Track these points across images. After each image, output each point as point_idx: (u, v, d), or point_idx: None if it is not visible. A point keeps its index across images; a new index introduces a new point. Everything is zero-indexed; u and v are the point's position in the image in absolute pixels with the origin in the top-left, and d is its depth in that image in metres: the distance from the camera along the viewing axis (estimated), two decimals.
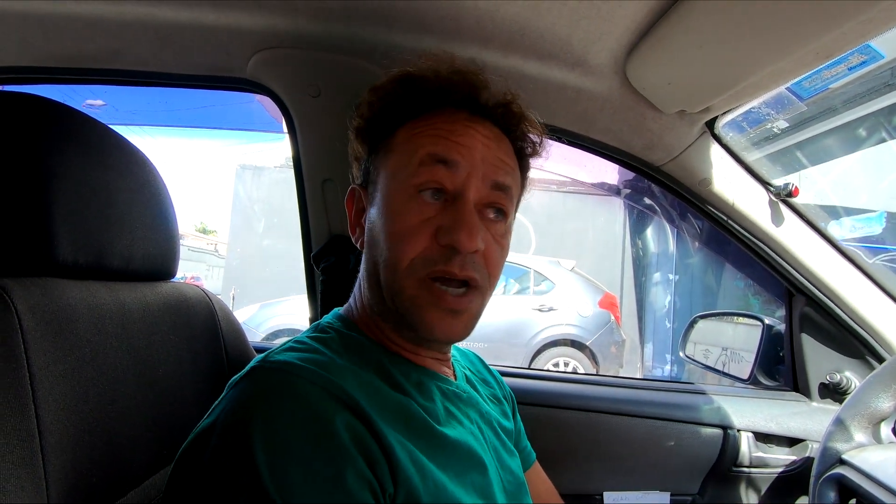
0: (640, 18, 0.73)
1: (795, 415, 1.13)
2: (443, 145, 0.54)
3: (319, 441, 0.40)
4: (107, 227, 0.56)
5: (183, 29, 0.84)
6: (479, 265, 0.53)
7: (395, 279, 0.52)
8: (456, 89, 0.57)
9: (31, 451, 0.40)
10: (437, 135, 0.54)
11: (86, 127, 0.56)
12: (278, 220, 6.96)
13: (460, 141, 0.54)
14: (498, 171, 0.56)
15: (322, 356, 0.48)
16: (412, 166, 0.53)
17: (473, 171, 0.54)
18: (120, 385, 0.52)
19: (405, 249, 0.52)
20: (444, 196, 0.53)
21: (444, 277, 0.51)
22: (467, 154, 0.54)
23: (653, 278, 6.32)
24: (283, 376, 0.44)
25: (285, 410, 0.41)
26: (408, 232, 0.52)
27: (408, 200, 0.53)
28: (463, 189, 0.53)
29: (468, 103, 0.58)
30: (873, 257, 3.11)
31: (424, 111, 0.57)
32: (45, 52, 0.91)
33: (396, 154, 0.56)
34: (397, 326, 0.55)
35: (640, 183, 4.90)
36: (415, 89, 0.58)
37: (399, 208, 0.53)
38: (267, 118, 3.74)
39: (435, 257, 0.51)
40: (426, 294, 0.52)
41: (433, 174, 0.53)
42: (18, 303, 0.43)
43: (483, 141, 0.55)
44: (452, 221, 0.51)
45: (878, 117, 2.95)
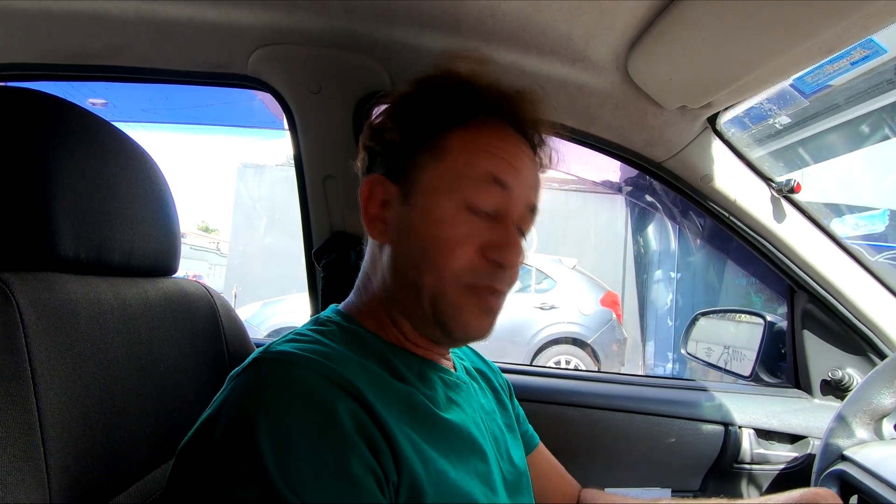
0: (641, 14, 0.72)
1: (797, 411, 1.13)
2: (503, 168, 0.55)
3: (324, 429, 0.41)
4: (108, 223, 0.56)
5: (184, 25, 0.84)
6: (511, 279, 0.57)
7: (440, 285, 0.53)
8: (510, 104, 0.59)
9: (32, 445, 0.40)
10: (496, 154, 0.56)
11: (87, 123, 0.56)
12: (280, 218, 6.97)
13: (513, 163, 0.56)
14: (534, 195, 0.59)
15: (324, 346, 0.49)
16: (471, 180, 0.54)
17: (521, 194, 0.57)
18: (121, 380, 0.53)
19: (453, 259, 0.53)
20: (488, 213, 0.55)
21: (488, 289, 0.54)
22: (518, 178, 0.56)
23: (654, 276, 6.31)
24: (286, 366, 0.44)
25: (288, 399, 0.41)
26: (456, 242, 0.53)
27: (459, 211, 0.54)
28: (510, 209, 0.56)
29: (514, 118, 0.59)
30: (876, 255, 3.10)
31: (472, 118, 0.57)
32: (47, 49, 0.91)
33: (450, 160, 0.56)
34: (422, 324, 0.56)
35: (642, 180, 4.88)
36: (468, 94, 0.58)
37: (447, 217, 0.54)
38: (268, 115, 3.74)
39: (483, 271, 0.54)
40: (471, 299, 0.54)
41: (491, 195, 0.55)
42: (20, 297, 0.43)
43: (529, 164, 0.58)
44: (503, 240, 0.54)
45: (882, 114, 2.94)
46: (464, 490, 0.48)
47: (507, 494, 0.57)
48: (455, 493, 0.47)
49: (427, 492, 0.44)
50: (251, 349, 0.80)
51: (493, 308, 0.56)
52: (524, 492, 0.62)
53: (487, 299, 0.55)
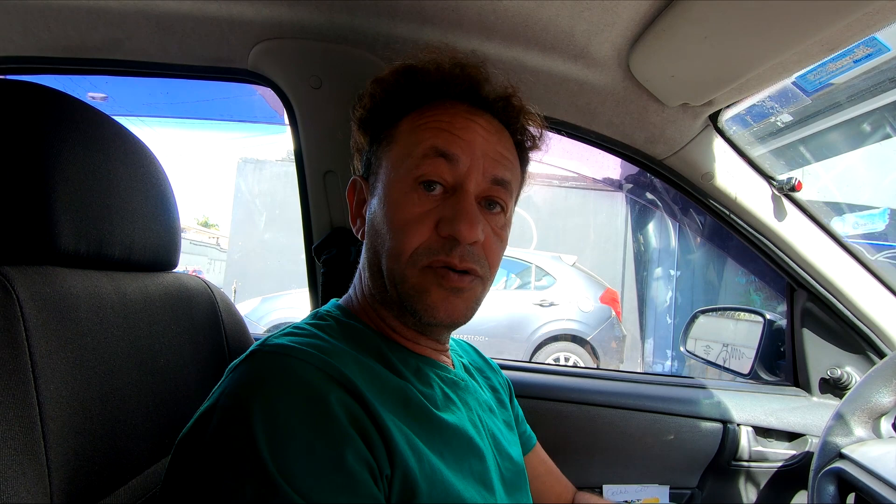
0: (643, 10, 0.72)
1: (795, 409, 1.13)
2: (444, 138, 0.54)
3: (319, 422, 0.41)
4: (108, 217, 0.56)
5: (184, 19, 0.84)
6: (478, 256, 0.54)
7: (398, 268, 0.53)
8: (457, 82, 0.58)
9: (33, 438, 0.41)
10: (439, 127, 0.55)
11: (87, 116, 0.56)
12: (280, 213, 6.97)
13: (461, 135, 0.55)
14: (497, 166, 0.56)
15: (321, 341, 0.49)
16: (414, 158, 0.54)
17: (474, 164, 0.54)
18: (121, 374, 0.53)
19: (407, 240, 0.52)
20: (443, 188, 0.54)
21: (444, 267, 0.52)
22: (468, 148, 0.54)
23: (654, 273, 6.32)
24: (282, 359, 0.44)
25: (284, 392, 0.42)
26: (409, 222, 0.53)
27: (409, 192, 0.54)
28: (463, 182, 0.54)
29: (469, 96, 0.59)
30: (876, 254, 3.10)
31: (426, 103, 0.58)
32: (47, 42, 0.91)
33: (398, 145, 0.57)
34: (399, 313, 0.56)
35: (643, 177, 4.88)
36: (417, 81, 0.58)
37: (400, 199, 0.54)
38: (268, 110, 3.73)
39: (436, 248, 0.52)
40: (430, 278, 0.52)
41: (435, 167, 0.53)
42: (20, 291, 0.43)
43: (483, 135, 0.56)
44: (453, 213, 0.52)
45: (884, 113, 2.93)
46: (457, 489, 0.48)
47: (505, 492, 0.57)
48: (449, 490, 0.47)
49: (420, 486, 0.44)
50: (251, 344, 0.80)
51: (460, 287, 0.53)
52: (523, 489, 0.62)
53: (449, 277, 0.52)
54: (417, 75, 0.58)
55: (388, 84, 0.59)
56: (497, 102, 0.60)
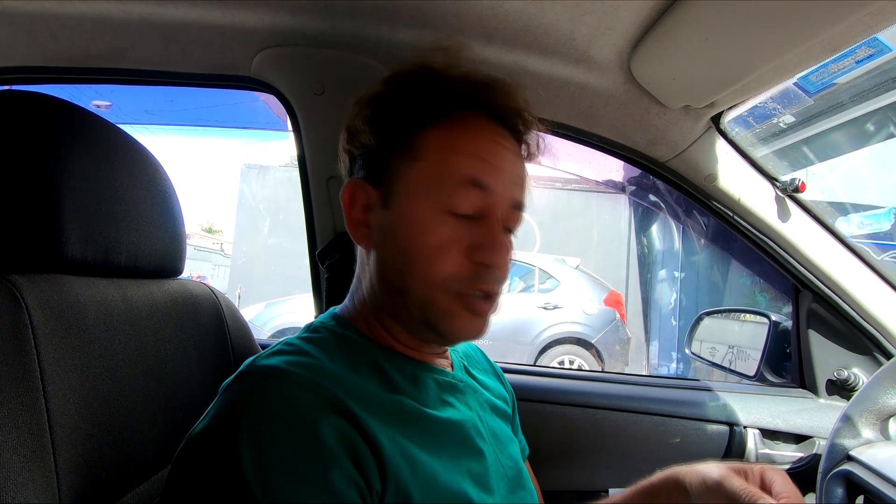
0: (644, 13, 0.72)
1: (802, 411, 1.12)
2: (481, 169, 0.53)
3: (304, 443, 0.41)
4: (114, 225, 0.57)
5: (188, 27, 0.85)
6: (501, 279, 0.55)
7: (427, 292, 0.52)
8: (485, 95, 0.56)
9: (41, 445, 0.41)
10: (476, 154, 0.54)
11: (93, 125, 0.56)
12: (283, 219, 6.99)
13: (494, 162, 0.54)
14: (519, 191, 0.57)
15: (310, 358, 0.48)
16: (449, 185, 0.53)
17: (503, 192, 0.54)
18: (128, 381, 0.53)
19: (438, 266, 0.52)
20: (469, 215, 0.53)
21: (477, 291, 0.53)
22: (501, 177, 0.54)
23: (658, 275, 6.30)
24: (269, 381, 0.44)
25: (271, 414, 0.42)
26: (439, 248, 0.52)
27: (438, 215, 0.53)
28: (493, 209, 0.54)
29: (492, 110, 0.57)
30: (882, 254, 3.08)
31: (447, 114, 0.55)
32: (52, 52, 0.92)
33: (427, 164, 0.54)
34: (414, 329, 0.55)
35: (646, 179, 4.87)
36: (441, 89, 0.56)
37: (428, 222, 0.53)
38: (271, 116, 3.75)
39: (468, 276, 0.52)
40: (461, 304, 0.53)
41: (471, 197, 0.53)
42: (29, 299, 0.44)
43: (511, 160, 0.56)
44: (487, 241, 0.52)
45: (887, 112, 2.92)
46: (454, 490, 0.48)
47: (508, 491, 0.57)
48: (445, 493, 0.47)
49: (414, 496, 0.44)
50: (255, 350, 0.81)
51: (485, 311, 0.54)
52: (527, 488, 0.62)
53: (478, 303, 0.53)
54: (440, 82, 0.56)
55: (407, 87, 0.56)
56: (515, 118, 0.58)
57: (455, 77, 0.56)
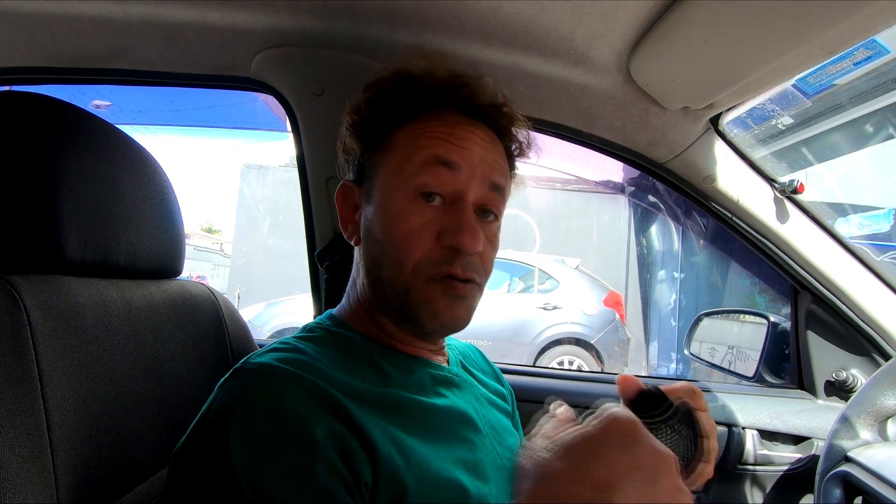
0: (643, 15, 0.72)
1: (801, 412, 1.12)
2: (445, 147, 0.55)
3: (291, 438, 0.42)
4: (114, 225, 0.57)
5: (188, 28, 0.85)
6: (477, 265, 0.55)
7: (401, 280, 0.54)
8: (455, 92, 0.58)
9: (40, 446, 0.41)
10: (439, 137, 0.55)
11: (93, 126, 0.56)
12: (283, 219, 6.99)
13: (461, 144, 0.55)
14: (494, 173, 0.57)
15: (303, 356, 0.49)
16: (414, 166, 0.54)
17: (473, 172, 0.55)
18: (127, 381, 0.53)
19: (410, 252, 0.53)
20: (443, 199, 0.55)
21: (448, 277, 0.53)
22: (468, 156, 0.55)
23: (658, 276, 6.30)
24: (261, 377, 0.46)
25: (261, 410, 0.43)
26: (411, 234, 0.53)
27: (409, 202, 0.54)
28: (464, 191, 0.55)
29: (465, 106, 0.59)
30: (881, 255, 3.09)
31: (422, 112, 0.58)
32: (52, 53, 0.92)
33: (397, 153, 0.57)
34: (399, 320, 0.57)
35: (645, 180, 4.88)
36: (413, 90, 0.58)
37: (400, 209, 0.54)
38: (271, 117, 3.76)
39: (439, 259, 0.53)
40: (435, 288, 0.53)
41: (435, 175, 0.54)
42: (28, 300, 0.44)
43: (481, 144, 0.57)
44: (456, 224, 0.53)
45: (886, 113, 2.93)
46: (447, 477, 0.49)
47: (506, 481, 0.57)
48: (438, 481, 0.48)
49: (408, 485, 0.45)
50: (254, 350, 0.81)
51: (463, 294, 0.54)
52: None
53: (453, 286, 0.53)
54: (414, 84, 0.58)
55: (383, 91, 0.59)
56: (490, 111, 0.60)
57: (426, 78, 0.58)
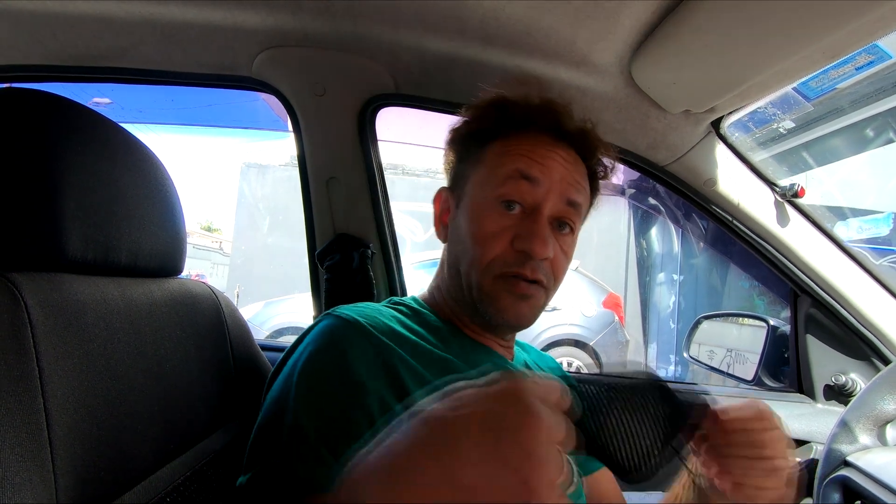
0: (645, 18, 0.73)
1: (800, 416, 1.12)
2: (526, 163, 0.61)
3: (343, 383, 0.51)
4: (115, 223, 0.57)
5: (189, 27, 0.85)
6: (546, 270, 0.61)
7: (474, 275, 0.61)
8: (543, 115, 0.65)
9: (39, 444, 0.41)
10: (523, 154, 0.62)
11: (95, 123, 0.56)
12: (283, 218, 6.98)
13: (543, 161, 0.62)
14: (572, 190, 0.63)
15: (377, 313, 0.59)
16: (499, 178, 0.62)
17: (552, 188, 0.61)
18: (127, 380, 0.53)
19: (486, 251, 0.60)
20: (522, 209, 0.61)
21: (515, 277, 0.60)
22: (548, 173, 0.61)
23: (657, 278, 6.30)
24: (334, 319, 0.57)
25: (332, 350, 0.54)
26: (489, 235, 0.61)
27: (491, 209, 0.61)
28: (541, 203, 0.61)
29: (552, 128, 0.65)
30: (880, 259, 3.09)
31: (512, 131, 0.65)
32: (54, 51, 0.92)
33: (485, 167, 0.64)
34: (471, 312, 0.63)
35: (645, 182, 4.88)
36: (506, 113, 0.66)
37: (482, 214, 0.62)
38: (272, 116, 3.76)
39: (510, 260, 0.60)
40: (500, 285, 0.60)
41: (517, 187, 0.61)
42: (28, 298, 0.44)
43: (562, 163, 0.63)
44: (528, 231, 0.60)
45: (887, 117, 2.93)
46: None
47: None
48: None
49: None
50: (255, 349, 0.81)
51: (527, 294, 0.60)
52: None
53: (518, 285, 0.59)
54: (508, 108, 0.66)
55: (481, 113, 0.68)
56: (576, 135, 0.66)
57: (522, 102, 0.66)
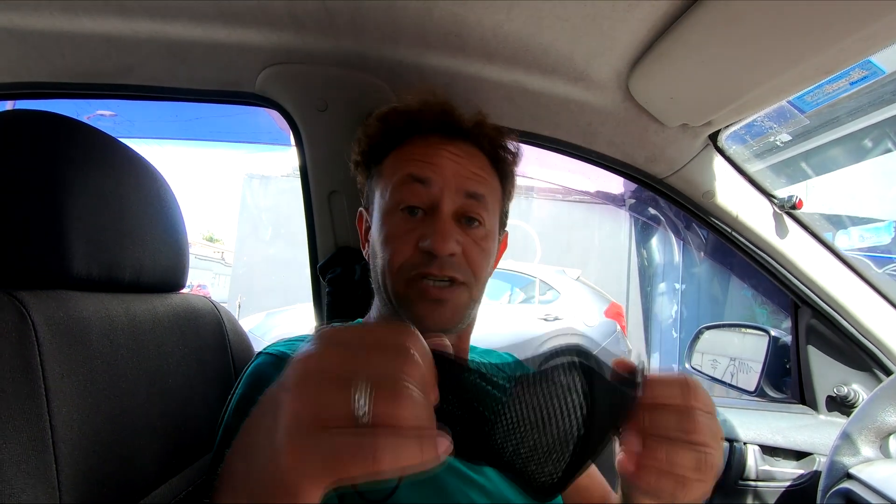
0: (641, 35, 0.74)
1: (802, 428, 1.12)
2: (417, 166, 0.63)
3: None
4: (119, 241, 0.57)
5: (194, 46, 0.86)
6: (459, 265, 0.62)
7: (388, 282, 0.63)
8: (425, 118, 0.68)
9: (45, 461, 0.41)
10: (412, 158, 0.65)
11: (99, 142, 0.57)
12: (285, 229, 7.01)
13: (433, 161, 0.64)
14: (469, 182, 0.64)
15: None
16: (395, 186, 0.64)
17: (446, 185, 0.63)
18: (131, 396, 0.53)
19: (394, 256, 0.62)
20: (424, 212, 0.63)
21: (425, 278, 0.60)
22: (439, 171, 0.63)
23: (659, 288, 6.29)
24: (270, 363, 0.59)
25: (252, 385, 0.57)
26: (395, 241, 0.62)
27: (393, 216, 0.63)
28: (438, 201, 0.62)
29: (441, 127, 0.67)
30: (882, 267, 3.08)
31: (405, 139, 0.68)
32: (61, 69, 0.93)
33: (383, 178, 0.67)
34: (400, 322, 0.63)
35: (645, 194, 4.89)
36: (394, 123, 0.68)
37: (387, 222, 0.64)
38: (275, 130, 3.79)
39: (417, 262, 0.61)
40: (413, 290, 0.61)
41: (411, 191, 0.63)
42: (35, 315, 0.44)
43: (454, 158, 0.65)
44: (429, 230, 0.61)
45: (884, 127, 2.94)
46: None
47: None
48: None
49: None
50: None
51: (442, 298, 0.61)
52: None
53: (428, 288, 0.60)
54: (395, 118, 0.68)
55: (373, 129, 0.70)
56: (467, 128, 0.68)
57: (402, 110, 0.68)
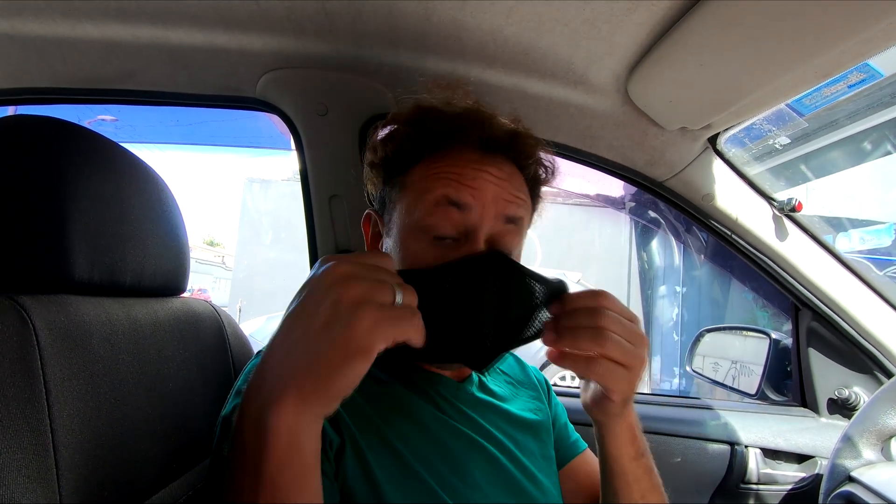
0: (640, 39, 0.74)
1: (804, 430, 1.12)
2: (454, 188, 0.56)
3: None
4: (120, 245, 0.58)
5: (195, 51, 0.87)
6: None
7: None
8: (467, 129, 0.59)
9: (45, 466, 0.41)
10: (450, 178, 0.57)
11: (100, 148, 0.58)
12: (285, 232, 7.01)
13: (472, 184, 0.56)
14: (509, 207, 0.58)
15: None
16: (426, 206, 0.56)
17: (485, 211, 0.56)
18: (132, 400, 0.53)
19: None
20: (454, 237, 0.56)
21: None
22: (479, 195, 0.56)
23: (659, 291, 6.28)
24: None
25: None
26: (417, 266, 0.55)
27: (420, 239, 0.56)
28: (475, 229, 0.56)
29: (479, 140, 0.60)
30: (882, 269, 3.08)
31: (435, 150, 0.60)
32: (63, 74, 0.94)
33: (412, 192, 0.59)
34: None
35: (646, 196, 4.89)
36: (426, 131, 0.60)
37: (411, 243, 0.57)
38: (276, 134, 3.80)
39: None
40: None
41: (446, 216, 0.55)
42: (36, 320, 0.44)
43: (494, 180, 0.57)
44: None
45: (883, 130, 2.95)
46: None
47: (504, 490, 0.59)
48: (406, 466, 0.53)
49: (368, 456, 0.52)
50: None
51: None
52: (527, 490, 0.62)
53: None
54: (427, 124, 0.60)
55: (400, 135, 0.62)
56: (507, 142, 0.61)
57: (438, 115, 0.60)
